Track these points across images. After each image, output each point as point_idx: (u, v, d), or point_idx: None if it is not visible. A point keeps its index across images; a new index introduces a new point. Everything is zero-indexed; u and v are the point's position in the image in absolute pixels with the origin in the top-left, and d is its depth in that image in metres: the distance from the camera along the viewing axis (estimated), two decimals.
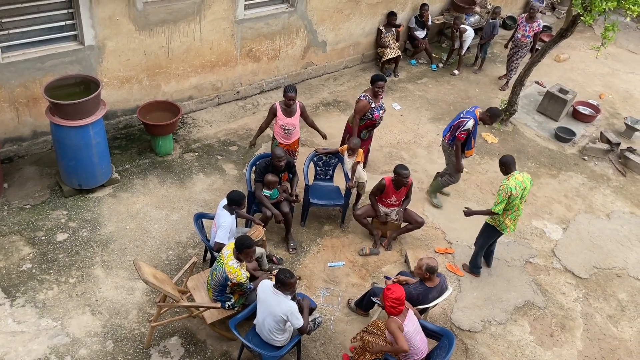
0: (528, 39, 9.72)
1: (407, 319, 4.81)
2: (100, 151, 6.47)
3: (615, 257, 7.27)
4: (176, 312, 5.59)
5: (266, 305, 4.85)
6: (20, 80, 6.55)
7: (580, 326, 6.34)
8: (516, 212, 6.05)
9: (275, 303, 4.78)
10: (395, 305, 4.72)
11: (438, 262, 5.37)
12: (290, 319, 4.77)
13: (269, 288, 4.86)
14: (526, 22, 9.66)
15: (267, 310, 4.83)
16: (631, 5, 6.84)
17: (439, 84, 10.24)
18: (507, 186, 5.82)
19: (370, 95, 7.06)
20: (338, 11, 9.14)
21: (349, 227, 7.03)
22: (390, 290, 4.75)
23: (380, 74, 7.12)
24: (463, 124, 6.85)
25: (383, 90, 7.08)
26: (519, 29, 9.75)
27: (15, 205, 6.48)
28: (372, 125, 7.28)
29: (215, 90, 8.48)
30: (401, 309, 4.76)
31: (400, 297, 4.73)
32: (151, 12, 7.08)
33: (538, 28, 9.67)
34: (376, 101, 7.08)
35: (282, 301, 4.77)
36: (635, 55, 12.39)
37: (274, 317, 4.80)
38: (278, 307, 4.76)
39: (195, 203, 6.94)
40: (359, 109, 7.06)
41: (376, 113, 7.11)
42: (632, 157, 8.89)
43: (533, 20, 9.62)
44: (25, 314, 5.45)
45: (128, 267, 6.04)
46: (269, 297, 4.83)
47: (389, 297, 4.73)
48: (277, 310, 4.76)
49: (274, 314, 4.78)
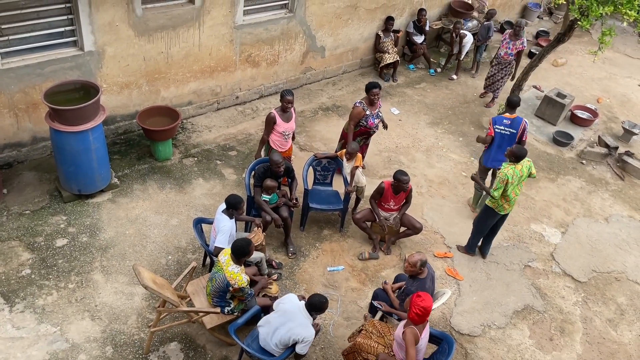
0: (511, 57, 9.26)
1: (425, 331, 4.67)
2: (100, 156, 6.47)
3: (614, 261, 7.28)
4: (175, 317, 5.59)
5: (289, 319, 4.78)
6: (19, 86, 6.56)
7: (580, 330, 6.35)
8: (514, 197, 6.28)
9: (301, 323, 4.75)
10: (422, 314, 4.49)
11: (437, 266, 5.38)
12: (301, 343, 4.74)
13: (300, 306, 4.81)
14: (509, 40, 9.18)
15: (288, 325, 4.76)
16: (628, 10, 6.88)
17: (437, 88, 10.27)
18: (505, 174, 6.10)
19: (366, 102, 7.06)
20: (337, 16, 9.18)
21: (348, 232, 7.04)
22: (420, 298, 4.50)
23: (374, 82, 7.07)
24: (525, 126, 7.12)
25: (379, 97, 7.07)
26: (502, 47, 9.27)
27: (14, 211, 6.48)
28: (367, 132, 7.28)
29: (215, 95, 8.50)
30: (426, 319, 4.58)
31: (428, 306, 4.50)
32: (150, 18, 7.11)
33: (522, 46, 9.20)
34: (372, 109, 7.08)
35: (308, 326, 4.75)
36: (632, 60, 12.44)
37: (291, 334, 4.74)
38: (302, 329, 4.73)
39: (194, 208, 6.94)
40: (353, 116, 7.08)
41: (371, 121, 7.11)
42: (630, 160, 8.92)
43: (517, 37, 9.15)
44: (25, 320, 5.44)
45: (127, 272, 6.03)
46: (297, 315, 4.78)
47: (417, 304, 4.49)
48: (299, 331, 4.72)
49: (293, 332, 4.73)
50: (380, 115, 7.27)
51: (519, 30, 9.14)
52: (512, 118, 7.05)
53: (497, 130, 7.04)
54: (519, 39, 9.18)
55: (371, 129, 7.22)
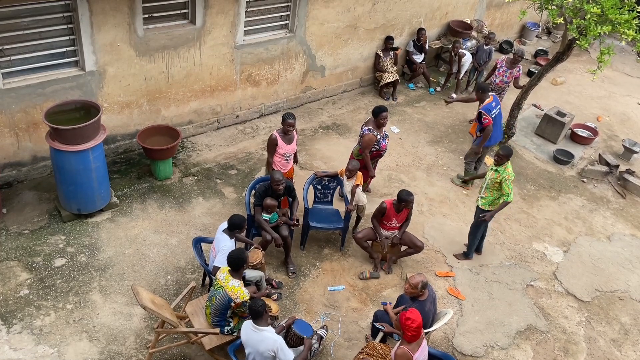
0: (506, 84, 9.09)
1: (420, 349, 4.64)
2: (100, 176, 6.47)
3: (617, 280, 7.22)
4: (174, 338, 5.53)
5: (251, 345, 4.70)
6: (20, 106, 6.59)
7: (584, 350, 6.27)
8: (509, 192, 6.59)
9: (259, 339, 4.64)
10: (416, 333, 4.55)
11: (439, 285, 5.33)
12: (278, 354, 4.61)
13: (249, 327, 4.71)
14: (506, 68, 8.98)
15: (254, 349, 4.68)
16: (626, 29, 6.93)
17: (436, 107, 10.30)
18: (511, 174, 6.47)
19: (374, 127, 7.01)
20: (336, 36, 9.25)
21: (348, 251, 6.99)
22: (410, 320, 4.53)
23: (382, 106, 7.02)
24: None
25: (387, 120, 7.04)
26: (498, 74, 9.07)
27: (13, 231, 6.45)
28: (378, 155, 7.26)
29: (215, 114, 8.53)
30: (420, 333, 4.60)
31: (420, 324, 4.57)
32: (152, 39, 7.16)
33: (518, 73, 9.04)
34: (380, 132, 7.06)
35: (266, 337, 4.63)
36: (631, 78, 12.50)
37: (262, 355, 4.65)
38: (263, 344, 4.62)
39: (194, 227, 6.91)
40: (365, 144, 6.97)
41: (383, 143, 7.08)
42: (631, 179, 8.90)
43: (515, 65, 8.97)
44: (22, 341, 5.38)
45: (126, 292, 5.98)
46: (250, 336, 4.69)
47: (410, 326, 4.52)
48: (262, 348, 4.61)
49: (261, 351, 4.63)
50: (387, 135, 7.26)
51: (518, 59, 8.96)
52: (491, 100, 7.91)
53: (492, 115, 7.80)
54: (516, 67, 9.01)
55: (383, 151, 7.19)
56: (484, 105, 7.86)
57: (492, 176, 6.54)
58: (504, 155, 6.46)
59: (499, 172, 6.48)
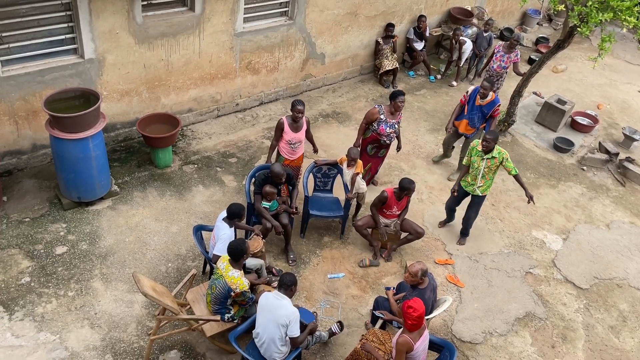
0: (504, 69, 9.20)
1: (422, 338, 4.65)
2: (100, 164, 6.47)
3: (615, 268, 7.26)
4: (175, 325, 5.57)
5: (268, 310, 4.82)
6: (20, 94, 6.57)
7: (582, 337, 6.32)
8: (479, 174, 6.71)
9: (279, 305, 4.78)
10: (417, 322, 4.53)
11: (439, 273, 5.35)
12: (289, 326, 4.74)
13: (272, 294, 4.87)
14: (504, 52, 9.10)
15: (270, 316, 4.79)
16: (627, 16, 6.89)
17: (437, 95, 10.28)
18: (504, 151, 6.56)
19: (387, 110, 6.99)
20: (336, 24, 9.20)
21: (348, 239, 7.02)
22: (412, 309, 4.51)
23: (399, 90, 7.01)
24: None
25: (403, 105, 6.96)
26: (495, 59, 9.18)
27: (14, 219, 6.47)
28: (377, 140, 7.13)
29: (215, 102, 8.51)
30: (422, 323, 4.60)
31: (422, 314, 4.55)
32: (151, 26, 7.12)
33: (516, 58, 9.15)
34: (390, 117, 6.99)
35: (286, 305, 4.78)
36: (632, 66, 12.46)
37: (276, 321, 4.75)
38: (282, 310, 4.75)
39: (194, 215, 6.93)
40: (367, 115, 7.06)
41: (382, 127, 6.95)
42: (630, 167, 8.91)
43: (512, 50, 9.08)
44: (24, 328, 5.42)
45: (127, 280, 6.01)
46: (271, 302, 4.83)
47: (411, 315, 4.50)
48: (281, 314, 4.73)
49: (277, 317, 4.74)
50: (395, 127, 7.08)
51: (515, 44, 9.03)
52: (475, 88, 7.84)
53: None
54: (513, 51, 9.08)
55: (381, 136, 7.04)
56: (486, 103, 7.69)
57: (489, 164, 6.55)
58: (492, 139, 6.45)
59: (495, 156, 6.51)
